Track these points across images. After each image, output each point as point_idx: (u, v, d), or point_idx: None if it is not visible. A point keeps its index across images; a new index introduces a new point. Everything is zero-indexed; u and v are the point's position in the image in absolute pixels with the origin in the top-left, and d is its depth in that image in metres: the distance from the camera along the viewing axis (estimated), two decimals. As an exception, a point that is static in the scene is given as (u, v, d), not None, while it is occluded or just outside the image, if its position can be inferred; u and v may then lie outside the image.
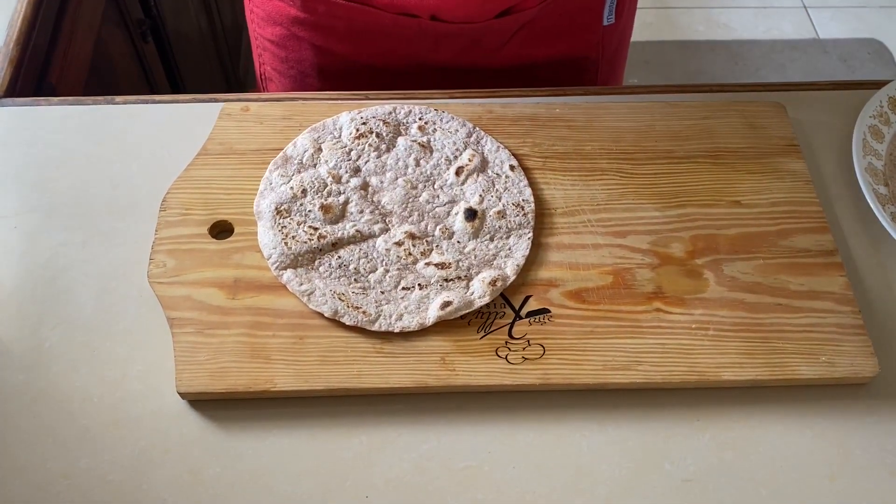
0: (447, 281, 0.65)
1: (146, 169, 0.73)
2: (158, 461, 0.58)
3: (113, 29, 1.13)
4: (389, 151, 0.71)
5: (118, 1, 1.14)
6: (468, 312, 0.63)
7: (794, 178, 0.72)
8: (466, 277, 0.65)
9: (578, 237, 0.68)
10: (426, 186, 0.70)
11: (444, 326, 0.63)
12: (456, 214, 0.68)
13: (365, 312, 0.62)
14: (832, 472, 0.59)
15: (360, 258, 0.66)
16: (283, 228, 0.66)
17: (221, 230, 0.68)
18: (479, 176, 0.70)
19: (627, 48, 1.00)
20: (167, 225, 0.67)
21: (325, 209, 0.68)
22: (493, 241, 0.67)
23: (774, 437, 0.60)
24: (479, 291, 0.64)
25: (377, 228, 0.67)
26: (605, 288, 0.65)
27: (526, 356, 0.61)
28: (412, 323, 0.62)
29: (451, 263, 0.66)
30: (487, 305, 0.64)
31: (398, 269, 0.65)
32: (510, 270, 0.65)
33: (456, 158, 0.71)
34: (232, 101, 0.76)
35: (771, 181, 0.72)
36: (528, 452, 0.59)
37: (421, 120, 0.73)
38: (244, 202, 0.68)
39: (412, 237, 0.67)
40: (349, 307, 0.63)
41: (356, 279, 0.65)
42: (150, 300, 0.64)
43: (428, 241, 0.67)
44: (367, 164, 0.71)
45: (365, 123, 0.72)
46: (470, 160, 0.71)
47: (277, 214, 0.67)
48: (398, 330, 0.62)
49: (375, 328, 0.62)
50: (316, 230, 0.66)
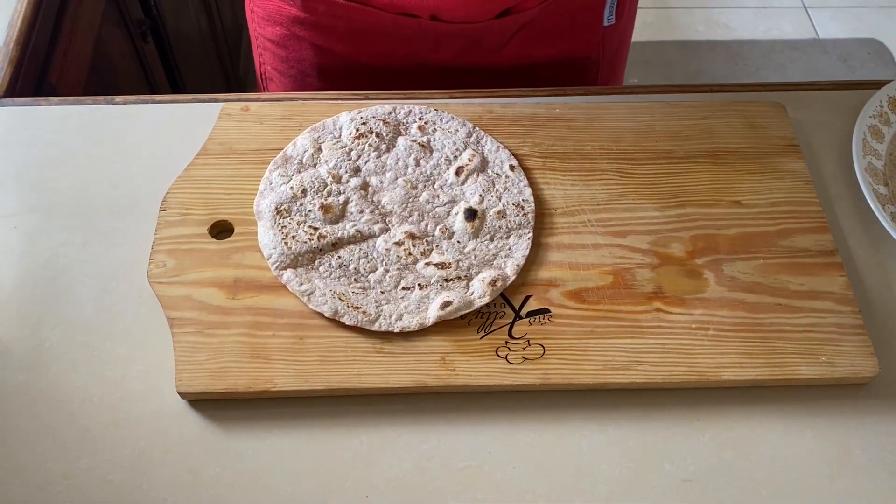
0: (447, 281, 0.65)
1: (146, 169, 0.73)
2: (158, 461, 0.58)
3: (113, 29, 1.13)
4: (389, 151, 0.71)
5: (118, 1, 1.14)
6: (468, 312, 0.63)
7: (794, 178, 0.72)
8: (466, 277, 0.65)
9: (578, 237, 0.68)
10: (426, 186, 0.70)
11: (444, 326, 0.63)
12: (456, 214, 0.68)
13: (365, 312, 0.62)
14: (832, 472, 0.59)
15: (360, 258, 0.66)
16: (283, 228, 0.66)
17: (221, 230, 0.68)
18: (479, 176, 0.70)
19: (628, 49, 1.00)
20: (167, 225, 0.67)
21: (325, 209, 0.68)
22: (493, 241, 0.67)
23: (774, 437, 0.60)
24: (479, 291, 0.64)
25: (377, 228, 0.67)
26: (605, 288, 0.65)
27: (526, 356, 0.61)
28: (412, 323, 0.62)
29: (451, 263, 0.66)
30: (487, 305, 0.64)
31: (398, 269, 0.65)
32: (510, 270, 0.65)
33: (456, 158, 0.71)
34: (232, 101, 0.76)
35: (771, 181, 0.72)
36: (528, 452, 0.59)
37: (421, 120, 0.73)
38: (244, 202, 0.68)
39: (412, 237, 0.67)
40: (349, 307, 0.63)
41: (356, 279, 0.65)
42: (150, 300, 0.64)
43: (428, 241, 0.67)
44: (367, 164, 0.71)
45: (365, 123, 0.72)
46: (470, 160, 0.71)
47: (277, 214, 0.67)
48: (398, 330, 0.62)
49: (375, 328, 0.62)
50: (316, 230, 0.66)
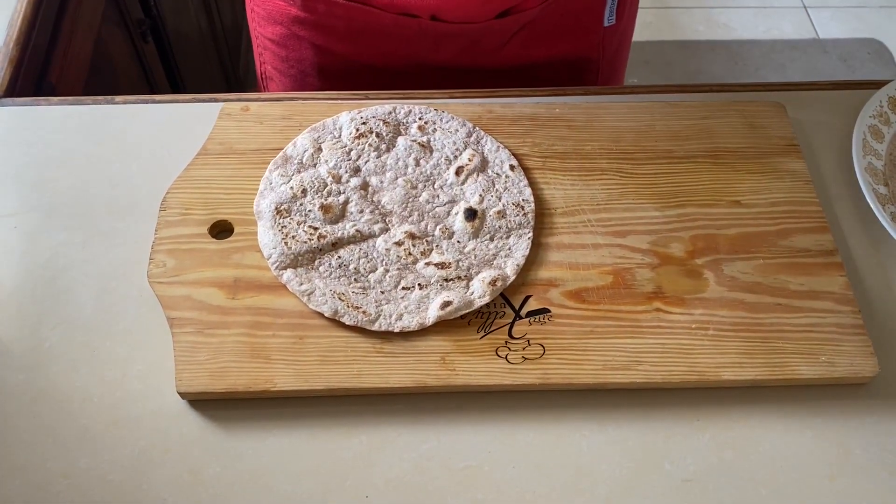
0: (447, 281, 0.65)
1: (146, 169, 0.73)
2: (158, 461, 0.58)
3: (113, 29, 1.13)
4: (389, 151, 0.71)
5: (118, 1, 1.14)
6: (468, 312, 0.63)
7: (793, 177, 0.72)
8: (466, 277, 0.65)
9: (578, 237, 0.68)
10: (426, 186, 0.70)
11: (444, 326, 0.63)
12: (456, 214, 0.68)
13: (365, 312, 0.62)
14: (832, 472, 0.59)
15: (360, 258, 0.66)
16: (283, 228, 0.66)
17: (221, 230, 0.68)
18: (479, 176, 0.70)
19: (628, 49, 1.00)
20: (167, 225, 0.67)
21: (325, 209, 0.68)
22: (493, 240, 0.67)
23: (774, 437, 0.60)
24: (479, 291, 0.64)
25: (377, 228, 0.67)
26: (605, 288, 0.65)
27: (526, 356, 0.61)
28: (412, 323, 0.62)
29: (451, 263, 0.66)
30: (487, 305, 0.64)
31: (398, 268, 0.65)
32: (510, 270, 0.65)
33: (456, 158, 0.71)
34: (232, 100, 0.76)
35: (771, 181, 0.72)
36: (528, 452, 0.59)
37: (421, 120, 0.73)
38: (244, 202, 0.68)
39: (412, 237, 0.67)
40: (349, 307, 0.63)
41: (356, 279, 0.65)
42: (150, 300, 0.64)
43: (428, 240, 0.67)
44: (367, 163, 0.71)
45: (365, 123, 0.72)
46: (470, 160, 0.71)
47: (277, 214, 0.67)
48: (398, 330, 0.62)
49: (375, 328, 0.62)
50: (316, 230, 0.66)
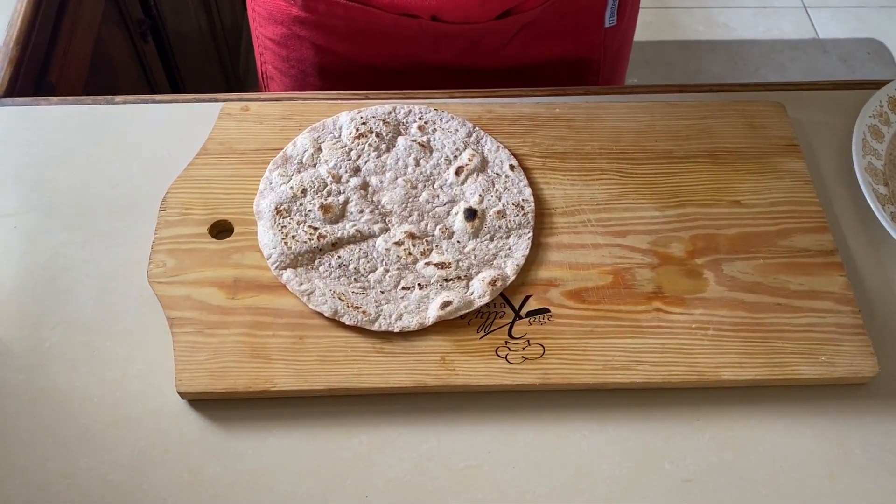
0: (447, 281, 0.65)
1: (146, 169, 0.73)
2: (158, 461, 0.58)
3: (113, 29, 1.13)
4: (389, 151, 0.71)
5: (118, 1, 1.14)
6: (468, 312, 0.63)
7: (793, 177, 0.72)
8: (466, 277, 0.65)
9: (578, 237, 0.68)
10: (426, 186, 0.70)
11: (443, 326, 0.63)
12: (456, 214, 0.68)
13: (365, 312, 0.62)
14: (832, 471, 0.59)
15: (359, 258, 0.66)
16: (283, 228, 0.66)
17: (221, 230, 0.68)
18: (478, 176, 0.70)
19: (629, 50, 1.00)
20: (167, 225, 0.67)
21: (324, 209, 0.68)
22: (492, 240, 0.67)
23: (774, 436, 0.60)
24: (478, 291, 0.64)
25: (377, 228, 0.67)
26: (604, 288, 0.65)
27: (526, 356, 0.61)
28: (412, 323, 0.62)
29: (450, 263, 0.66)
30: (487, 305, 0.64)
31: (398, 268, 0.65)
32: (510, 270, 0.65)
33: (456, 158, 0.71)
34: (232, 100, 0.76)
35: (771, 181, 0.72)
36: (528, 452, 0.59)
37: (421, 120, 0.73)
38: (244, 202, 0.68)
39: (412, 237, 0.67)
40: (349, 307, 0.63)
41: (356, 279, 0.65)
42: (150, 300, 0.64)
43: (428, 240, 0.67)
44: (366, 163, 0.71)
45: (365, 123, 0.72)
46: (470, 160, 0.71)
47: (277, 214, 0.67)
48: (398, 330, 0.62)
49: (375, 328, 0.62)
50: (316, 230, 0.66)
